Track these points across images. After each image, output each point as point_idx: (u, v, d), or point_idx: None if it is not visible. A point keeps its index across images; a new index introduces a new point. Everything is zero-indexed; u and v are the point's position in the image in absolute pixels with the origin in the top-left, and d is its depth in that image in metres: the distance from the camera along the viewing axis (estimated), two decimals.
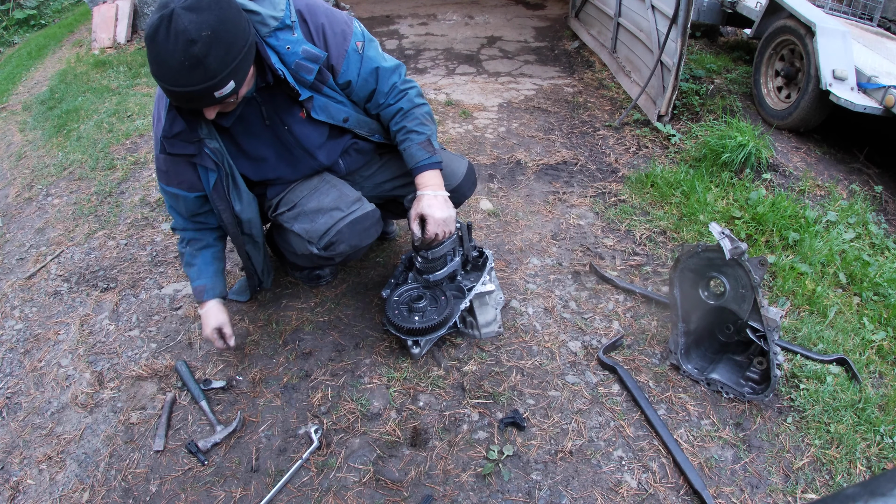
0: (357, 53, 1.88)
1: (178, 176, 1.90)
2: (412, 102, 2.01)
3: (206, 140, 1.81)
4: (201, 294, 2.03)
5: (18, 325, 2.46)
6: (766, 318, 1.83)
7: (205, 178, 1.89)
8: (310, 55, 1.79)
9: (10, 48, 8.40)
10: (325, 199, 2.01)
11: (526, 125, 4.07)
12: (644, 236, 2.85)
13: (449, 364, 2.13)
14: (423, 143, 1.97)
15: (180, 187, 1.92)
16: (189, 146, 1.80)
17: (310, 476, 1.78)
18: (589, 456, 1.83)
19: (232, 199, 1.95)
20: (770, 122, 3.91)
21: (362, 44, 1.89)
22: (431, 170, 1.97)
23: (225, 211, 1.95)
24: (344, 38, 1.85)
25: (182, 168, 1.88)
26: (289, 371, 2.13)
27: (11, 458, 1.91)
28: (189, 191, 1.93)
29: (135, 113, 4.29)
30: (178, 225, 2.07)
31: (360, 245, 2.04)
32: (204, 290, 2.03)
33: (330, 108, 1.93)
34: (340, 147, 2.08)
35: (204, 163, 1.84)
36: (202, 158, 1.83)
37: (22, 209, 3.37)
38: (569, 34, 6.03)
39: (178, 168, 1.88)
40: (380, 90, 1.97)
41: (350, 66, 1.88)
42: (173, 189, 1.93)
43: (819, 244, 2.72)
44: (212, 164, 1.85)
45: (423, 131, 1.99)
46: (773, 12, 4.06)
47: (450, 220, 1.96)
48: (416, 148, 1.97)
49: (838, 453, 1.83)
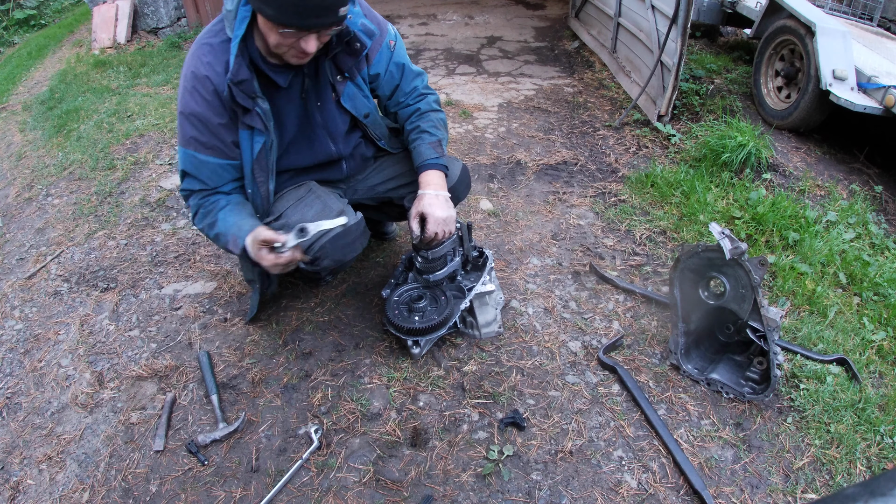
0: (389, 50, 2.00)
1: (212, 139, 1.80)
2: (430, 106, 2.12)
3: (259, 99, 1.76)
4: (237, 243, 1.84)
5: (18, 325, 2.46)
6: (766, 318, 1.83)
7: (248, 145, 1.81)
8: (367, 29, 1.89)
9: (10, 48, 8.40)
10: (308, 212, 1.96)
11: (526, 125, 4.07)
12: (644, 236, 2.85)
13: (449, 364, 2.13)
14: (433, 144, 2.04)
15: (211, 153, 1.82)
16: (248, 99, 1.73)
17: (310, 476, 1.78)
18: (589, 456, 1.83)
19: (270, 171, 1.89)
20: (770, 122, 3.91)
21: (395, 42, 2.02)
22: (436, 170, 2.01)
23: (262, 185, 1.88)
24: (381, 32, 1.97)
25: (219, 131, 1.79)
26: (289, 371, 2.13)
27: (11, 458, 1.91)
28: (221, 157, 1.84)
29: (135, 113, 4.29)
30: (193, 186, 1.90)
31: (343, 259, 1.96)
32: (237, 238, 1.85)
33: (357, 99, 1.99)
34: (352, 144, 2.11)
35: (254, 122, 1.77)
36: (253, 118, 1.77)
37: (22, 209, 3.37)
38: (569, 34, 6.04)
39: (215, 131, 1.79)
40: (402, 88, 2.07)
41: (381, 59, 1.99)
42: (203, 156, 1.82)
43: (819, 244, 2.72)
44: (261, 125, 1.78)
45: (436, 133, 2.07)
46: (773, 12, 4.06)
47: (450, 219, 1.98)
48: (426, 147, 2.03)
49: (838, 453, 1.83)
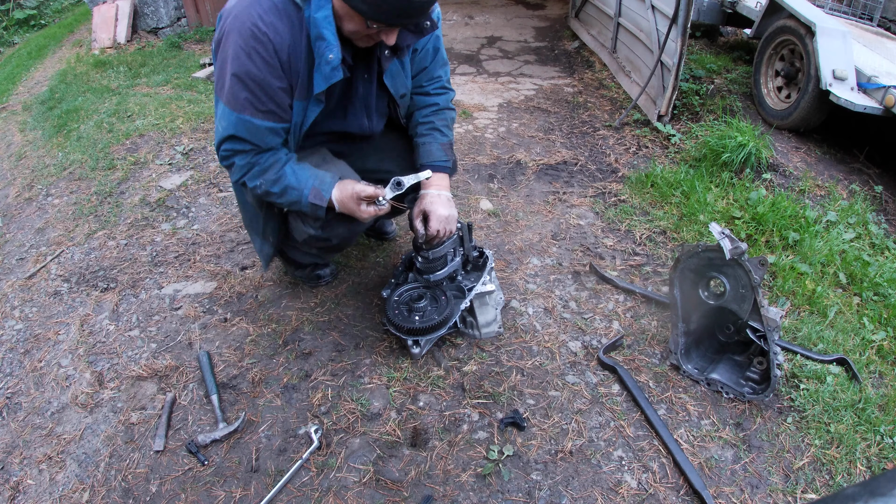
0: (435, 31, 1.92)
1: (270, 104, 1.73)
2: (447, 104, 2.12)
3: None
4: (321, 195, 1.82)
5: (18, 325, 2.46)
6: (766, 318, 1.83)
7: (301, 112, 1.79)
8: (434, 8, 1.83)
9: (10, 48, 8.40)
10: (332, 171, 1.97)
11: (526, 125, 4.07)
12: (644, 236, 2.85)
13: (449, 364, 2.13)
14: (444, 146, 2.06)
15: (268, 118, 1.75)
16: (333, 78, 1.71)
17: (310, 476, 1.78)
18: (589, 456, 1.83)
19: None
20: (770, 122, 3.91)
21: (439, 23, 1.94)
22: (443, 172, 2.04)
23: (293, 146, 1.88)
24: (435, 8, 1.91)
25: (278, 95, 1.73)
26: (289, 371, 2.13)
27: (11, 458, 1.91)
28: (277, 122, 1.78)
29: (135, 113, 4.29)
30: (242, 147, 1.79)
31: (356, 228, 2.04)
32: (321, 190, 1.82)
33: (398, 77, 1.94)
34: (383, 122, 2.09)
35: (321, 96, 1.77)
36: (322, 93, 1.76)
37: (22, 209, 3.37)
38: (569, 34, 6.03)
39: (273, 95, 1.72)
40: (429, 72, 2.07)
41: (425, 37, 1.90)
42: (259, 121, 1.74)
43: (819, 244, 2.72)
44: (324, 97, 1.78)
45: (448, 134, 2.09)
46: (773, 12, 4.06)
47: (452, 218, 2.00)
48: (437, 147, 2.05)
49: (838, 453, 1.83)
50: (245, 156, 1.81)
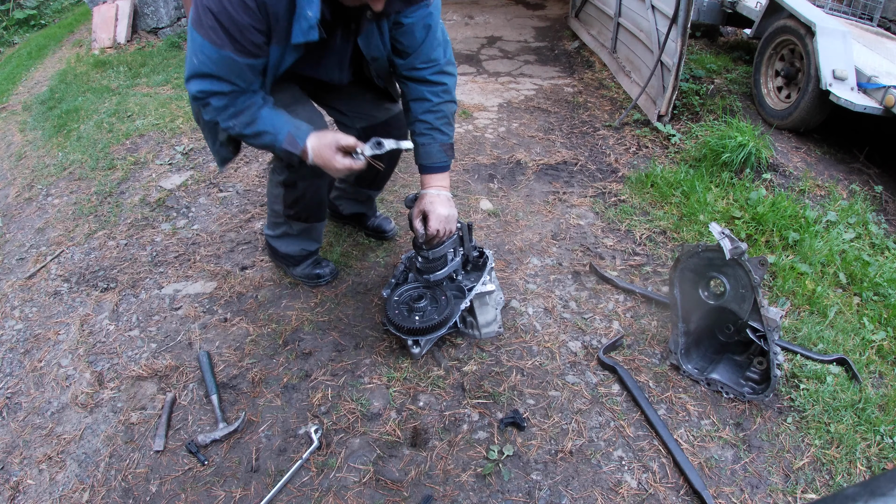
0: (427, 7, 1.88)
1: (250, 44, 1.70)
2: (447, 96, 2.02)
3: None
4: (294, 142, 1.81)
5: (18, 325, 2.46)
6: (766, 318, 1.83)
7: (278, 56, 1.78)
8: None
9: (10, 48, 8.40)
10: (302, 114, 1.97)
11: (526, 125, 4.07)
12: (644, 236, 2.85)
13: (449, 364, 2.13)
14: (444, 146, 2.03)
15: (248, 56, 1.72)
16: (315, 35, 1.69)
17: (310, 476, 1.78)
18: (589, 456, 1.83)
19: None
20: (770, 122, 3.91)
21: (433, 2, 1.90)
22: (443, 172, 2.03)
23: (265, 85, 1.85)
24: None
25: (256, 36, 1.71)
26: (289, 371, 2.13)
27: (11, 458, 1.91)
28: (254, 59, 1.75)
29: (135, 113, 4.29)
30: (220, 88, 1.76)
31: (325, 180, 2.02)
32: (295, 137, 1.81)
33: (372, 40, 1.89)
34: (350, 77, 2.08)
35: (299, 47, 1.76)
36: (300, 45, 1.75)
37: (22, 209, 3.37)
38: (569, 34, 6.03)
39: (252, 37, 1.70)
40: (422, 52, 1.95)
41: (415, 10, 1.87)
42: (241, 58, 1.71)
43: (819, 244, 2.72)
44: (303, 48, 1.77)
45: (448, 132, 2.03)
46: (773, 12, 4.06)
47: (452, 218, 2.00)
48: (437, 149, 2.02)
49: (838, 453, 1.83)
50: (221, 97, 1.78)
